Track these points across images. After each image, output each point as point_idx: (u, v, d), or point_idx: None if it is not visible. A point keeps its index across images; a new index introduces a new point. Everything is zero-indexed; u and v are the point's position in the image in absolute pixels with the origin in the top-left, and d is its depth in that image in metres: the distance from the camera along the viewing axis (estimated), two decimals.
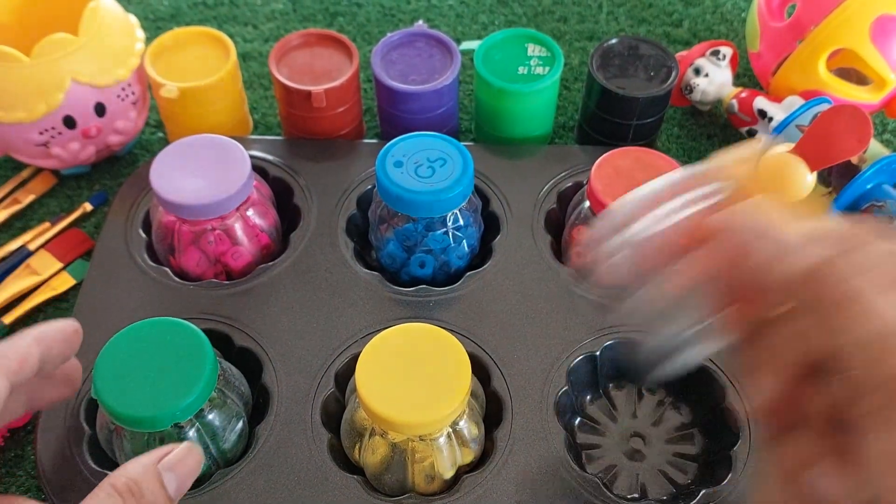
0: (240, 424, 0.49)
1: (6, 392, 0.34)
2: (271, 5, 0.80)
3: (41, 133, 0.61)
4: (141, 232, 0.59)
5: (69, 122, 0.61)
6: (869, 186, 0.59)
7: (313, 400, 0.51)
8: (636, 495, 0.51)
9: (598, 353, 0.54)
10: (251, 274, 0.57)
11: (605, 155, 0.56)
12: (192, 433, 0.46)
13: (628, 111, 0.63)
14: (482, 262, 0.58)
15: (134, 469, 0.33)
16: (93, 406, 0.51)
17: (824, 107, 0.62)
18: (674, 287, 0.31)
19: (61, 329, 0.38)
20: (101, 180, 0.68)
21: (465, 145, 0.56)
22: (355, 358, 0.51)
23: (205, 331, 0.46)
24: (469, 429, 0.48)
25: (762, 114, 0.65)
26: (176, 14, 0.79)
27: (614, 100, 0.62)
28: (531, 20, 0.79)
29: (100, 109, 0.62)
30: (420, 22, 0.77)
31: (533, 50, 0.64)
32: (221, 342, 0.54)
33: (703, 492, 0.48)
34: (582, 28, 0.79)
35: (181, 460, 0.34)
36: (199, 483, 0.48)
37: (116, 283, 0.57)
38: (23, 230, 0.64)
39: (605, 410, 0.55)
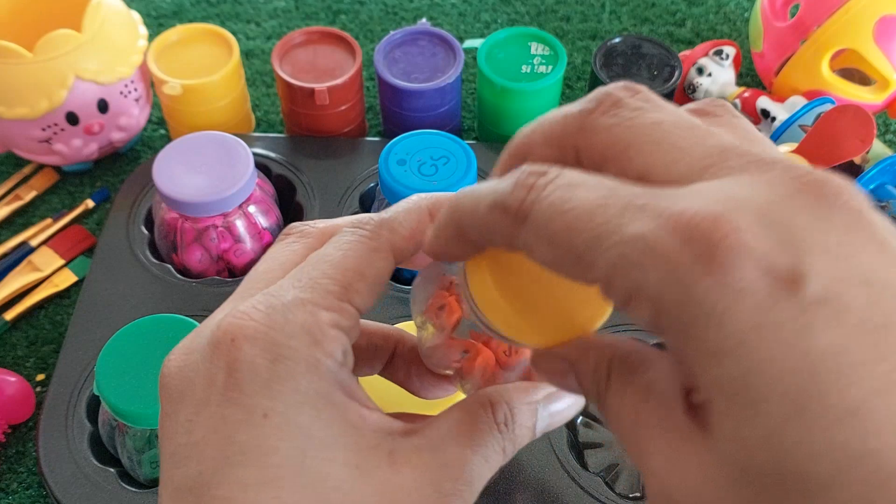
0: None
1: (389, 271, 0.28)
2: (274, 3, 0.80)
3: (44, 129, 0.61)
4: (143, 229, 0.59)
5: (72, 119, 0.61)
6: (872, 187, 0.59)
7: None
8: (638, 494, 0.51)
9: None
10: None
11: None
12: None
13: None
14: None
15: (517, 402, 0.28)
16: (94, 402, 0.51)
17: (827, 107, 0.62)
18: None
19: None
20: (104, 177, 0.68)
21: (467, 143, 0.56)
22: None
23: None
24: None
25: (765, 114, 0.65)
26: (179, 11, 0.79)
27: None
28: (534, 19, 0.79)
29: (103, 106, 0.62)
30: (423, 20, 0.77)
31: (536, 48, 0.64)
32: None
33: None
34: (585, 27, 0.79)
35: (562, 412, 0.29)
36: None
37: (118, 279, 0.57)
38: (25, 227, 0.64)
39: None
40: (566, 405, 0.29)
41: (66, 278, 0.61)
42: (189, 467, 0.24)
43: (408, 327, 0.46)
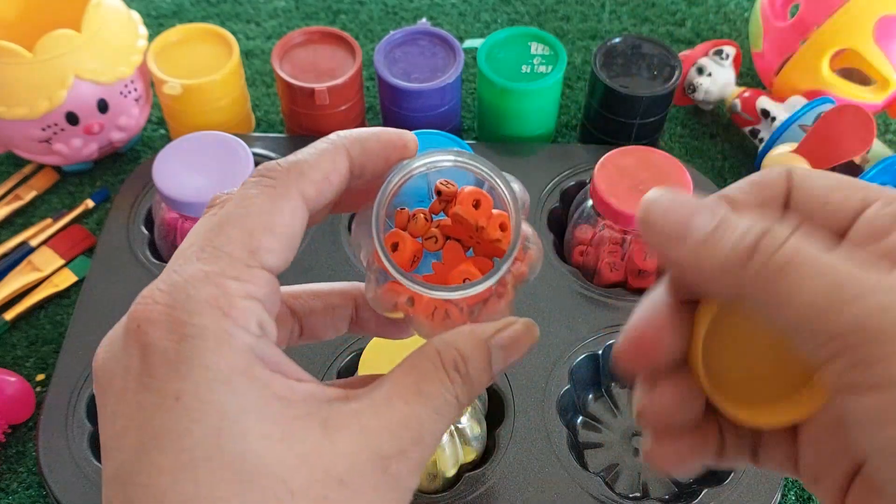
0: None
1: (302, 221, 0.26)
2: (274, 3, 0.80)
3: (43, 129, 0.61)
4: (143, 228, 0.59)
5: (72, 119, 0.61)
6: None
7: None
8: (638, 494, 0.51)
9: (600, 351, 0.54)
10: None
11: (607, 154, 0.56)
12: None
13: (631, 110, 0.63)
14: None
15: (465, 344, 0.26)
16: (94, 402, 0.51)
17: (827, 107, 0.62)
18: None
19: (381, 138, 0.28)
20: (104, 177, 0.68)
21: (467, 143, 0.56)
22: (358, 355, 0.51)
23: None
24: (471, 427, 0.48)
25: (765, 113, 0.65)
26: (178, 11, 0.79)
27: (617, 99, 0.62)
28: (534, 19, 0.79)
29: (102, 106, 0.62)
30: (423, 20, 0.77)
31: (536, 48, 0.64)
32: None
33: (706, 491, 0.48)
34: (585, 27, 0.79)
35: (516, 341, 0.27)
36: None
37: (118, 279, 0.57)
38: (25, 226, 0.64)
39: (606, 409, 0.55)
40: (517, 336, 0.28)
41: (66, 278, 0.61)
42: (114, 458, 0.23)
43: None
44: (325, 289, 0.31)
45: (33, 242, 0.63)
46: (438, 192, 0.29)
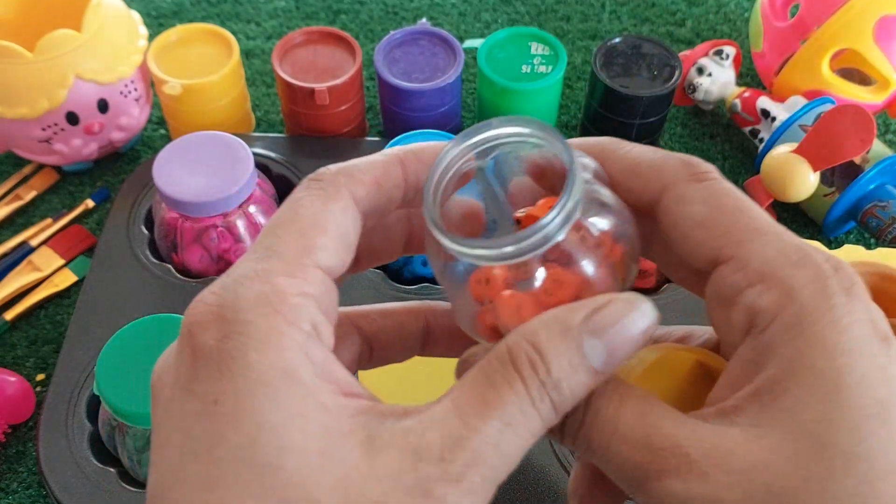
0: None
1: (354, 221, 0.25)
2: (274, 3, 0.80)
3: (44, 129, 0.61)
4: (143, 228, 0.59)
5: (72, 119, 0.61)
6: (872, 187, 0.59)
7: None
8: None
9: None
10: None
11: None
12: None
13: (631, 110, 0.63)
14: None
15: (542, 333, 0.22)
16: (94, 402, 0.51)
17: (827, 107, 0.62)
18: None
19: (438, 150, 0.26)
20: (104, 177, 0.68)
21: None
22: None
23: None
24: None
25: (765, 113, 0.65)
26: (179, 11, 0.79)
27: (617, 99, 0.62)
28: (534, 19, 0.79)
29: (103, 106, 0.62)
30: (423, 20, 0.77)
31: (536, 48, 0.64)
32: None
33: None
34: (585, 27, 0.79)
35: (619, 325, 0.22)
36: None
37: (119, 279, 0.57)
38: (25, 226, 0.64)
39: None
40: (617, 317, 0.22)
41: (66, 278, 0.61)
42: (154, 472, 0.22)
43: None
44: (394, 307, 0.30)
45: (33, 242, 0.63)
46: (518, 222, 0.27)
